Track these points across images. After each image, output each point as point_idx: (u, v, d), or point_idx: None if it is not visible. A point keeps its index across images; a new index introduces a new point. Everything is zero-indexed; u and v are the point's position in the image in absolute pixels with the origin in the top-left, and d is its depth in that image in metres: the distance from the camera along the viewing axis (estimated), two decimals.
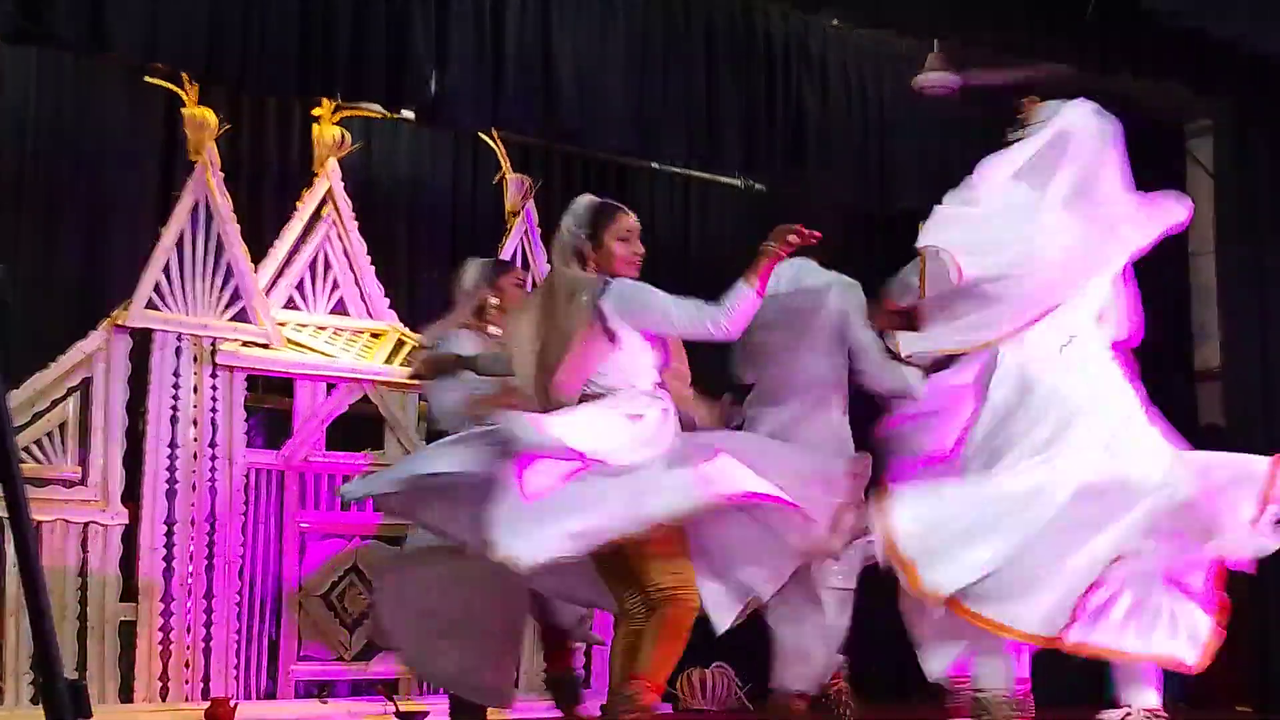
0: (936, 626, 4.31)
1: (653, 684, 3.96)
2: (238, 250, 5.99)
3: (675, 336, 4.25)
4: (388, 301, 6.43)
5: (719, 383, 4.94)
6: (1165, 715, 4.41)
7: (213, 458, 5.82)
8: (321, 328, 6.29)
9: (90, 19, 5.33)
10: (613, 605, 4.14)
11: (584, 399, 4.07)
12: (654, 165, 7.97)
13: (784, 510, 4.02)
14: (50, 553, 5.39)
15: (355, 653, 6.08)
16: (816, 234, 4.24)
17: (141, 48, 5.56)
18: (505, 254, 6.74)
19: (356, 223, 6.44)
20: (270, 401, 6.27)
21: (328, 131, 6.41)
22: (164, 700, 5.60)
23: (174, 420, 5.76)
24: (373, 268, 6.46)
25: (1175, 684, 7.61)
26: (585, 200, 4.28)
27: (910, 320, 4.60)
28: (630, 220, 4.22)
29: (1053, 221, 4.40)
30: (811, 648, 4.80)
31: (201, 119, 5.98)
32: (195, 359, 5.82)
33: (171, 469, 5.73)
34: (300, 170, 6.68)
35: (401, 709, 5.76)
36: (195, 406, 5.81)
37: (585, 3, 6.53)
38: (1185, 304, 8.66)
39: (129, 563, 5.62)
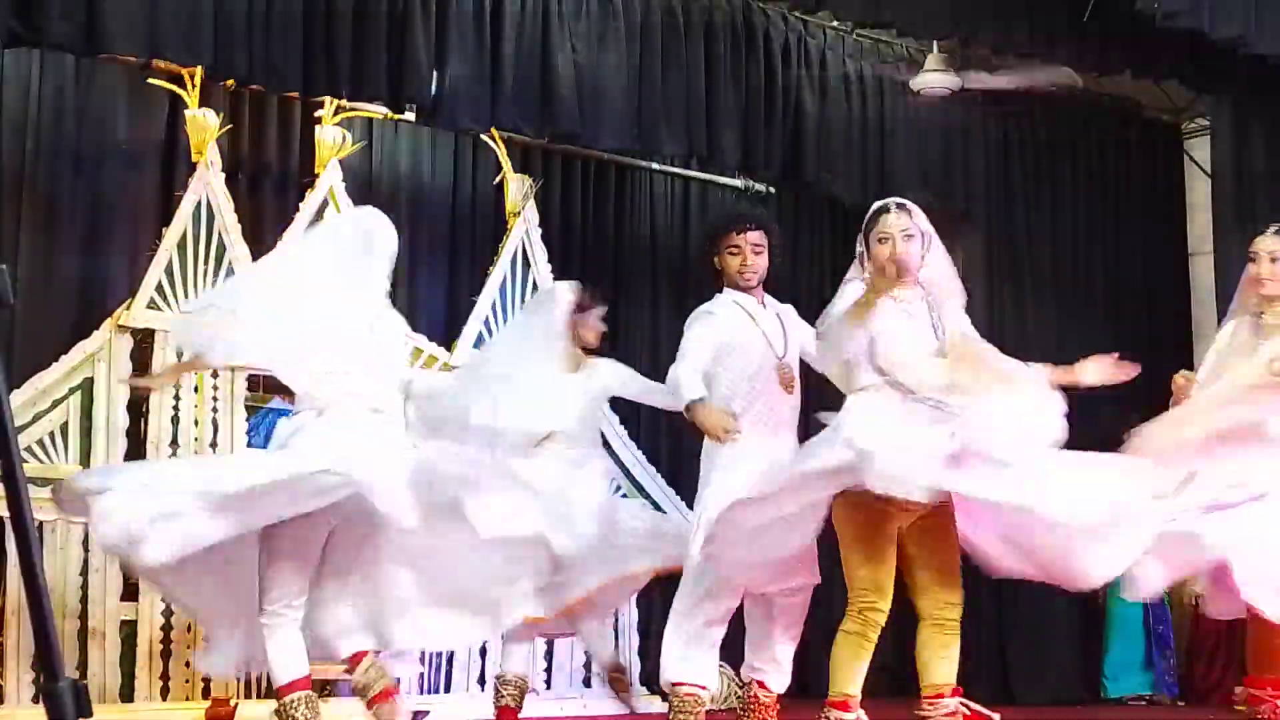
0: None
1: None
2: (239, 250, 6.01)
3: None
4: (388, 301, 6.44)
5: None
6: None
7: None
8: None
9: (85, 21, 5.35)
10: None
11: None
12: (654, 165, 7.99)
13: None
14: (52, 552, 5.41)
15: None
16: None
17: (138, 47, 5.58)
18: (505, 255, 6.75)
19: None
20: (271, 401, 6.27)
21: (329, 132, 6.42)
22: (164, 699, 5.62)
23: (175, 419, 5.78)
24: None
25: (1169, 681, 7.67)
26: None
27: None
28: (887, 219, 4.08)
29: None
30: None
31: (203, 120, 6.00)
32: None
33: None
34: (301, 170, 6.70)
35: None
36: (196, 406, 5.82)
37: (585, 4, 6.55)
38: (1184, 304, 8.71)
39: None
